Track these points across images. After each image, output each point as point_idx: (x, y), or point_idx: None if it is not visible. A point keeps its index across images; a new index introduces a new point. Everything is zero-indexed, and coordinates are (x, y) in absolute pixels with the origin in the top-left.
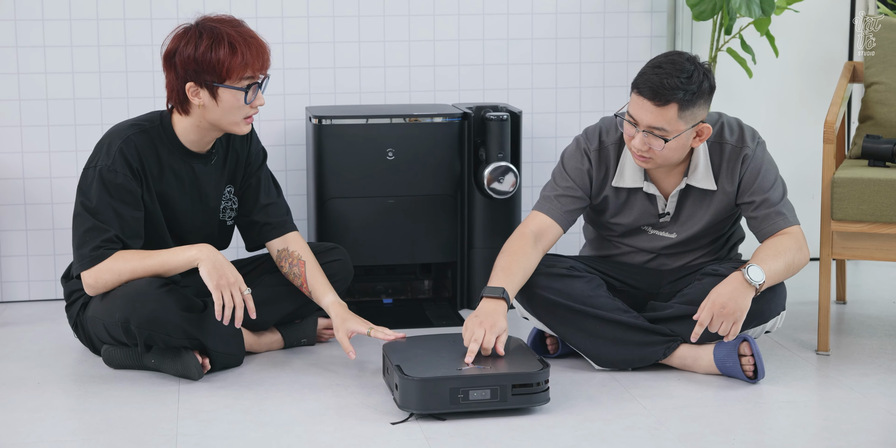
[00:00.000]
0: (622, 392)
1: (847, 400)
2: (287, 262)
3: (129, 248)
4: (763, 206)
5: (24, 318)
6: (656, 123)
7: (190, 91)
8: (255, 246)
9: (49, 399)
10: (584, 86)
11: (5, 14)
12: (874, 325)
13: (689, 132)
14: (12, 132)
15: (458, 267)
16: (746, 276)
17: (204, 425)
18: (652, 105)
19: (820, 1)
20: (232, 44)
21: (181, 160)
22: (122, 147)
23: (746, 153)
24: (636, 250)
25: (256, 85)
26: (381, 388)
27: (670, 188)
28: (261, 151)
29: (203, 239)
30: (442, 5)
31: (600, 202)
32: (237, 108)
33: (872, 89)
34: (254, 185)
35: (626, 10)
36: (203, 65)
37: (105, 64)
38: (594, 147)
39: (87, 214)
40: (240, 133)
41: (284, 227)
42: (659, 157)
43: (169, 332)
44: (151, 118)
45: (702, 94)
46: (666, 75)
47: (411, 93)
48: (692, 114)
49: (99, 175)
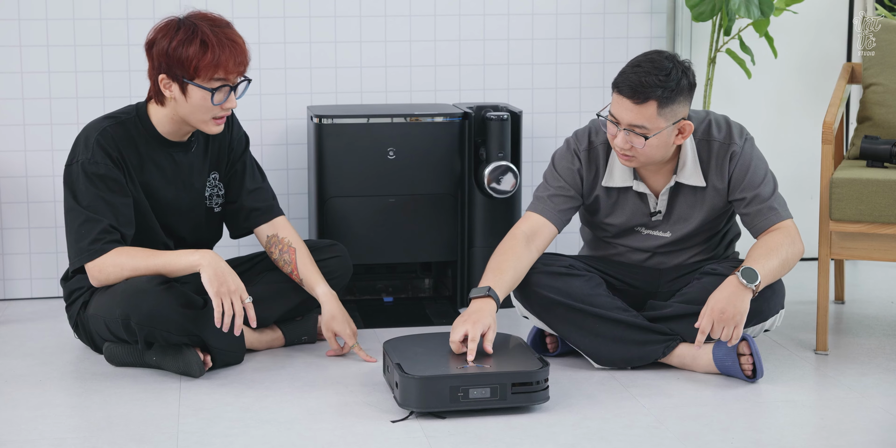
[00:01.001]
0: (621, 391)
1: (845, 399)
2: (277, 249)
3: (125, 236)
4: (755, 202)
5: (27, 315)
6: (636, 121)
7: (162, 83)
8: (241, 233)
9: (51, 396)
10: (584, 86)
11: (9, 14)
12: (872, 324)
13: (670, 129)
14: (15, 130)
15: (459, 266)
16: (741, 280)
17: (205, 423)
18: (631, 103)
19: (819, 2)
20: (204, 42)
21: (160, 150)
22: (98, 139)
23: (734, 150)
24: (632, 250)
25: (228, 87)
26: (382, 386)
27: (660, 186)
28: (243, 137)
29: (192, 227)
30: (443, 6)
31: (592, 202)
32: (205, 108)
33: (871, 90)
34: (239, 171)
35: (626, 11)
36: (173, 59)
37: (108, 63)
38: (584, 147)
39: (79, 209)
40: (208, 132)
41: (272, 211)
42: (642, 156)
43: (169, 329)
44: (127, 111)
45: (681, 92)
46: (644, 74)
47: (412, 92)
48: (672, 111)
49: (82, 169)
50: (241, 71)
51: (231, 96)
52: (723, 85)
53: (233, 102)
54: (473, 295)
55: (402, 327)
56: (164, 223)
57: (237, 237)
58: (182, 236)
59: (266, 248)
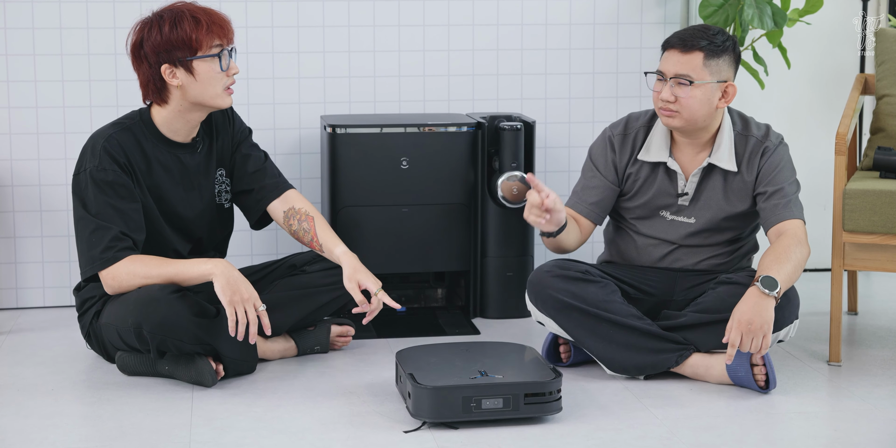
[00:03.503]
0: (634, 402)
1: (858, 411)
2: (295, 220)
3: (136, 242)
4: (774, 197)
5: (39, 324)
6: (682, 70)
7: (166, 73)
8: (259, 217)
9: (63, 406)
10: (598, 96)
11: (23, 22)
12: (886, 336)
13: (714, 86)
14: (29, 139)
15: (472, 275)
16: (762, 289)
17: (217, 432)
18: (679, 52)
19: (832, 13)
20: (193, 17)
21: (167, 152)
22: (104, 146)
23: (767, 146)
24: (656, 242)
25: (227, 52)
26: (394, 396)
27: (693, 167)
28: (245, 129)
29: (204, 226)
30: (456, 15)
31: (623, 183)
32: (216, 79)
33: (884, 101)
34: (242, 158)
35: (640, 22)
36: (173, 42)
37: (121, 72)
38: (619, 131)
39: (88, 217)
40: (223, 105)
41: (280, 186)
42: (685, 110)
43: (181, 338)
44: (131, 116)
45: (725, 50)
46: (693, 30)
47: (425, 102)
48: (717, 66)
49: (90, 177)
50: (230, 36)
51: (232, 61)
52: (736, 96)
53: (235, 67)
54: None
55: (414, 337)
56: (177, 226)
57: (257, 225)
58: (198, 236)
59: (284, 224)
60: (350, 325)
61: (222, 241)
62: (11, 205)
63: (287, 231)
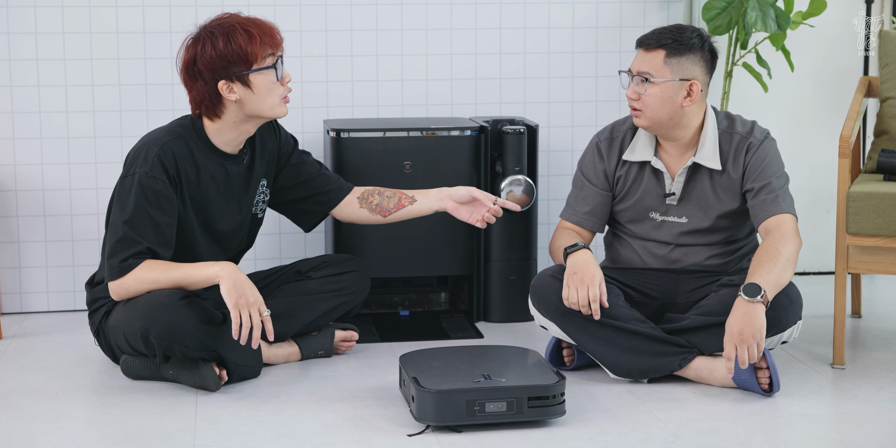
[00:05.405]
0: (638, 405)
1: (862, 414)
2: (375, 195)
3: (159, 258)
4: (762, 192)
5: (44, 328)
6: (643, 67)
7: (223, 89)
8: (318, 220)
9: (67, 410)
10: (601, 99)
11: (26, 27)
12: (889, 339)
13: (676, 84)
14: (33, 144)
15: (475, 279)
16: (745, 298)
17: (221, 436)
18: (643, 50)
19: (835, 16)
20: (245, 29)
21: (215, 162)
22: (159, 154)
23: (751, 142)
24: (652, 243)
25: (279, 60)
26: (398, 400)
27: (678, 167)
28: (290, 138)
29: (235, 238)
30: (459, 19)
31: (615, 187)
32: (273, 90)
33: (888, 104)
34: (297, 167)
35: (642, 25)
36: (229, 57)
37: (124, 77)
38: (605, 137)
39: (121, 224)
40: (281, 115)
41: (345, 185)
42: (647, 109)
43: (187, 344)
44: (184, 124)
45: (692, 48)
46: (663, 28)
47: (428, 106)
48: (679, 65)
49: (138, 182)
50: (279, 43)
51: (284, 68)
52: (739, 98)
53: (288, 75)
54: (570, 250)
55: (418, 341)
56: (214, 238)
57: (311, 228)
58: (229, 246)
59: (364, 206)
60: (354, 330)
61: (240, 253)
62: (15, 209)
63: (367, 211)
